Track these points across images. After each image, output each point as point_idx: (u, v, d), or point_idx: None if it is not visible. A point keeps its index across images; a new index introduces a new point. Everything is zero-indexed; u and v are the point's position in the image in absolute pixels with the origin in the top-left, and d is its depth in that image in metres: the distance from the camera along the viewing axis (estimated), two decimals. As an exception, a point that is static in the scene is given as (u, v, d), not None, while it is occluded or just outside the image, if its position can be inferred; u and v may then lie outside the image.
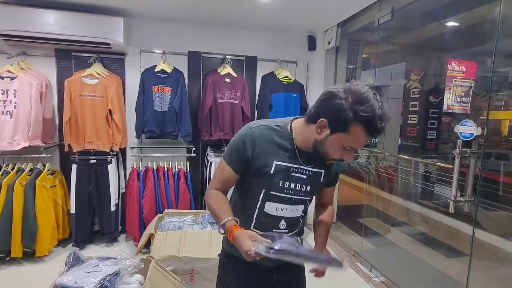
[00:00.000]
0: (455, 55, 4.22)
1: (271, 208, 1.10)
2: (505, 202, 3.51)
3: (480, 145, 1.79)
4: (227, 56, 3.26)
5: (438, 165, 3.93)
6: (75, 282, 1.46)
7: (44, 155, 2.80)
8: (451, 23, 3.30)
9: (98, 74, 2.85)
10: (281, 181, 1.07)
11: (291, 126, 1.07)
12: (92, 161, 2.89)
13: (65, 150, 2.82)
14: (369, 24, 2.94)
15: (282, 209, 1.11)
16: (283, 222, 1.13)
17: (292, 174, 1.07)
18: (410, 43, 4.26)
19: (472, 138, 1.79)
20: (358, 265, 2.70)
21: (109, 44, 2.84)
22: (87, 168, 2.88)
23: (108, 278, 1.52)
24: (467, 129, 1.80)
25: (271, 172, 1.05)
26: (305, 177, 1.08)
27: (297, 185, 1.08)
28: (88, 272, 1.56)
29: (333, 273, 1.01)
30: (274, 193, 1.08)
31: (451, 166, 1.92)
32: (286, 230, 1.14)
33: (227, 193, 1.14)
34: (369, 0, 2.57)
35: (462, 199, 1.81)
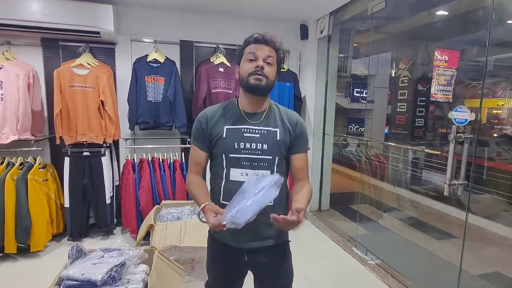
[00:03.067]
0: (441, 45, 4.31)
1: (236, 174, 1.18)
2: (489, 186, 3.68)
3: (474, 130, 1.85)
4: (220, 45, 3.22)
5: (427, 152, 4.07)
6: (82, 274, 1.45)
7: (34, 148, 2.72)
8: (440, 12, 3.37)
9: (88, 64, 2.76)
10: (236, 143, 1.17)
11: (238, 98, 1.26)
12: (85, 153, 2.83)
13: (56, 143, 2.73)
14: (361, 13, 2.96)
15: (246, 174, 1.17)
16: None
17: (245, 134, 1.18)
18: (400, 32, 4.32)
19: (466, 123, 1.85)
20: (353, 250, 2.78)
21: (98, 33, 2.76)
22: (81, 161, 2.82)
23: (115, 269, 1.52)
24: (461, 114, 1.86)
25: (224, 136, 1.18)
26: (258, 135, 1.18)
27: (252, 144, 1.17)
28: (94, 264, 1.55)
29: (330, 258, 0.99)
30: (232, 155, 1.17)
31: (439, 153, 1.99)
32: None
33: (203, 172, 1.28)
34: (363, -12, 2.58)
35: (456, 182, 1.88)
